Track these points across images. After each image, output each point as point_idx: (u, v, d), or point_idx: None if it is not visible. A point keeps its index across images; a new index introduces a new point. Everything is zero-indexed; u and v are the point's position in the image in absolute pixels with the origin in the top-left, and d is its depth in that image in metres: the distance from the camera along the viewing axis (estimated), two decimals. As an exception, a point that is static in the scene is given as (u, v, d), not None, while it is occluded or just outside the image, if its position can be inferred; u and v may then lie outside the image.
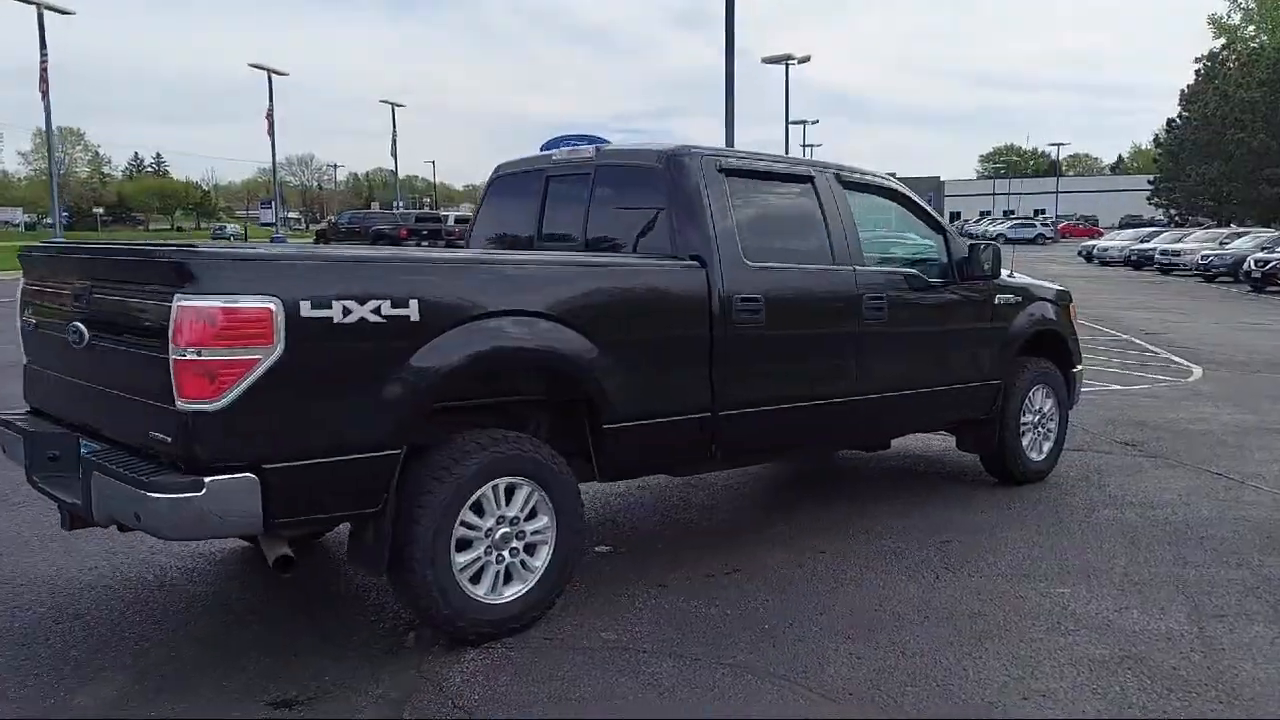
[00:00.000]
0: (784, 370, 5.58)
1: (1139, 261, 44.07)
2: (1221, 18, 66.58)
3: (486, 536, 4.39)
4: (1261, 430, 9.64)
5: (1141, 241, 46.67)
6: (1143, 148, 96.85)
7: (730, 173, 5.51)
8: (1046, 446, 7.58)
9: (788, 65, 42.56)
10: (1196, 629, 4.72)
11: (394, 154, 64.40)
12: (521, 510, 4.50)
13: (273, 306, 3.72)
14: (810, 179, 5.97)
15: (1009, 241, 75.22)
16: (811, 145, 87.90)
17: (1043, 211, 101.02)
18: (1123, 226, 65.79)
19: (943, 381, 6.58)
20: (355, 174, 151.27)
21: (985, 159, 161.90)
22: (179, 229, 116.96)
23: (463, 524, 4.30)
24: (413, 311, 4.07)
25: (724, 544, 5.97)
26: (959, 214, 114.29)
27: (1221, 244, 38.72)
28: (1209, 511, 6.75)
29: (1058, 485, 7.44)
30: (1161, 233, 49.04)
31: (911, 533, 6.20)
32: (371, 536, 4.19)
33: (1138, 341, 17.52)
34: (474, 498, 4.31)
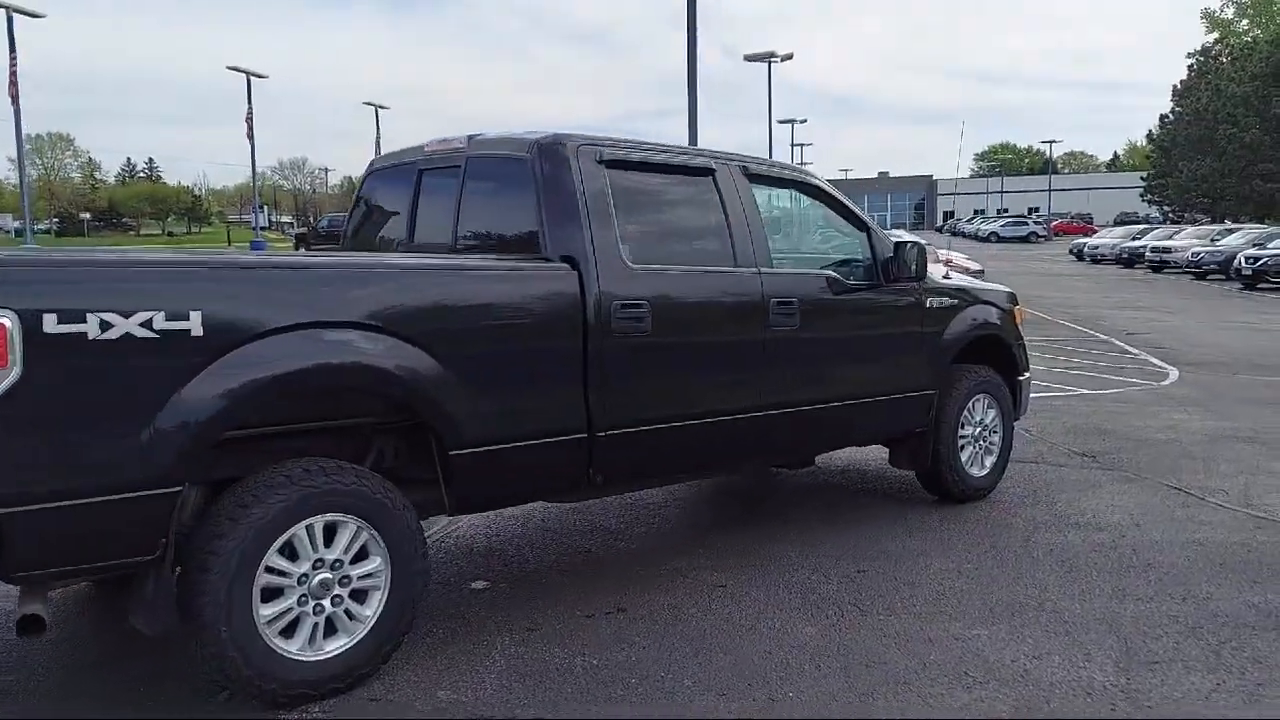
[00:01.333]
0: (675, 385, 5.00)
1: (1130, 259, 43.52)
2: (1215, 12, 66.24)
3: (301, 584, 3.81)
4: (1231, 438, 9.06)
5: (1133, 239, 46.11)
6: (1139, 145, 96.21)
7: (613, 164, 4.94)
8: (989, 461, 7.01)
9: (770, 63, 41.97)
10: (1123, 680, 4.14)
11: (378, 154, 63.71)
12: (346, 552, 3.91)
13: (6, 322, 3.14)
14: (710, 172, 5.39)
15: (1001, 240, 75.29)
16: (802, 144, 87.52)
17: (1037, 209, 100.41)
18: (1118, 224, 65.19)
19: (866, 393, 6.01)
20: (349, 177, 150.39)
21: (980, 157, 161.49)
22: (170, 234, 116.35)
23: (269, 570, 3.72)
24: (194, 325, 3.49)
25: (618, 577, 5.40)
26: (952, 212, 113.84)
27: (1213, 241, 38.16)
28: (1160, 534, 6.17)
29: (1000, 503, 6.86)
30: (1153, 230, 48.47)
31: (827, 562, 5.62)
32: (150, 589, 3.60)
33: (1117, 342, 16.96)
34: (283, 539, 3.73)
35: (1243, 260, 30.94)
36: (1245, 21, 66.24)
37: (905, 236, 31.84)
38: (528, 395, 4.44)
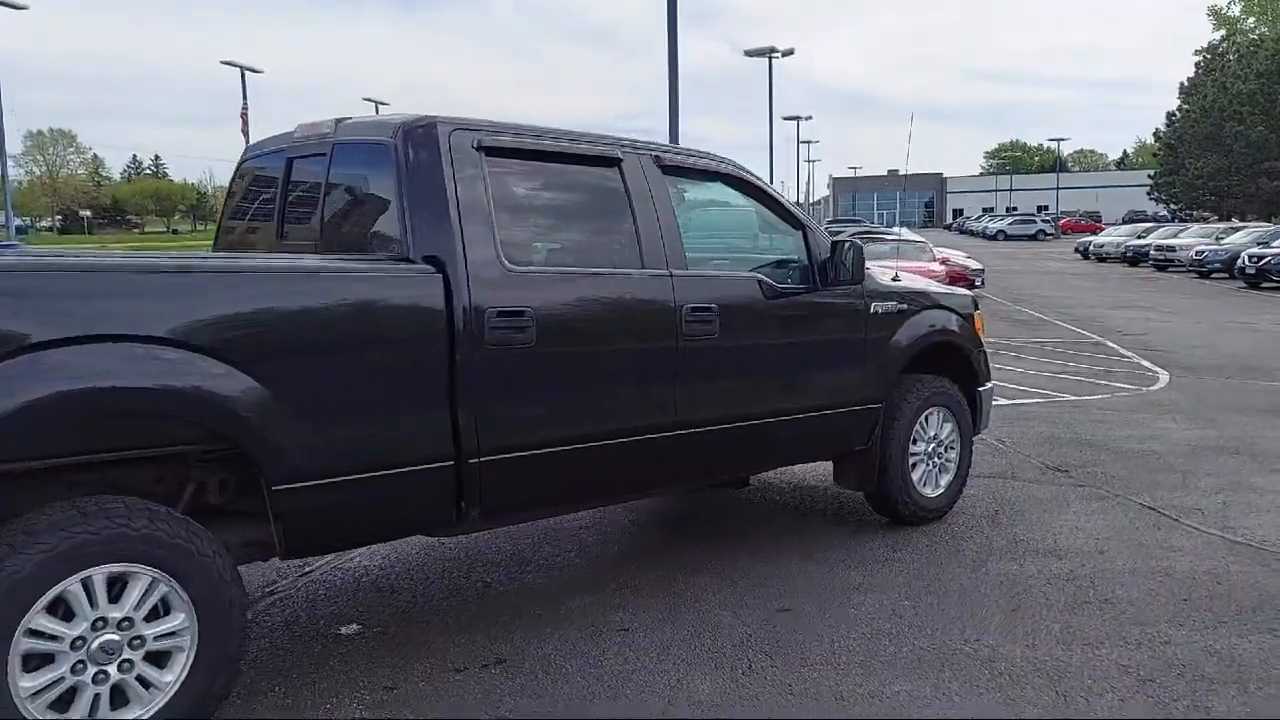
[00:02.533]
0: (565, 403, 4.43)
1: (1135, 258, 42.81)
2: (1222, 9, 65.38)
3: (76, 648, 3.23)
4: (1216, 450, 8.45)
5: (1137, 237, 45.39)
6: (1148, 143, 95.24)
7: (494, 152, 4.37)
8: (945, 480, 6.42)
9: (770, 58, 41.32)
10: (1054, 750, 3.54)
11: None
12: (138, 609, 3.33)
13: None
14: (615, 162, 4.82)
15: (1009, 238, 74.54)
16: (808, 141, 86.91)
17: (1046, 208, 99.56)
18: (1127, 222, 64.34)
19: (800, 408, 5.44)
20: None
21: (990, 155, 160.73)
22: (174, 231, 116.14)
23: (31, 633, 3.14)
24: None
25: (510, 617, 4.83)
26: (961, 210, 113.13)
27: (1217, 239, 37.43)
28: (1125, 561, 5.58)
29: (955, 526, 6.28)
30: (1158, 228, 47.72)
31: (749, 598, 5.05)
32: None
33: (1110, 344, 16.32)
34: (50, 596, 3.15)
35: (1246, 259, 30.23)
36: (1252, 19, 65.37)
37: (908, 235, 31.23)
38: (377, 419, 3.88)
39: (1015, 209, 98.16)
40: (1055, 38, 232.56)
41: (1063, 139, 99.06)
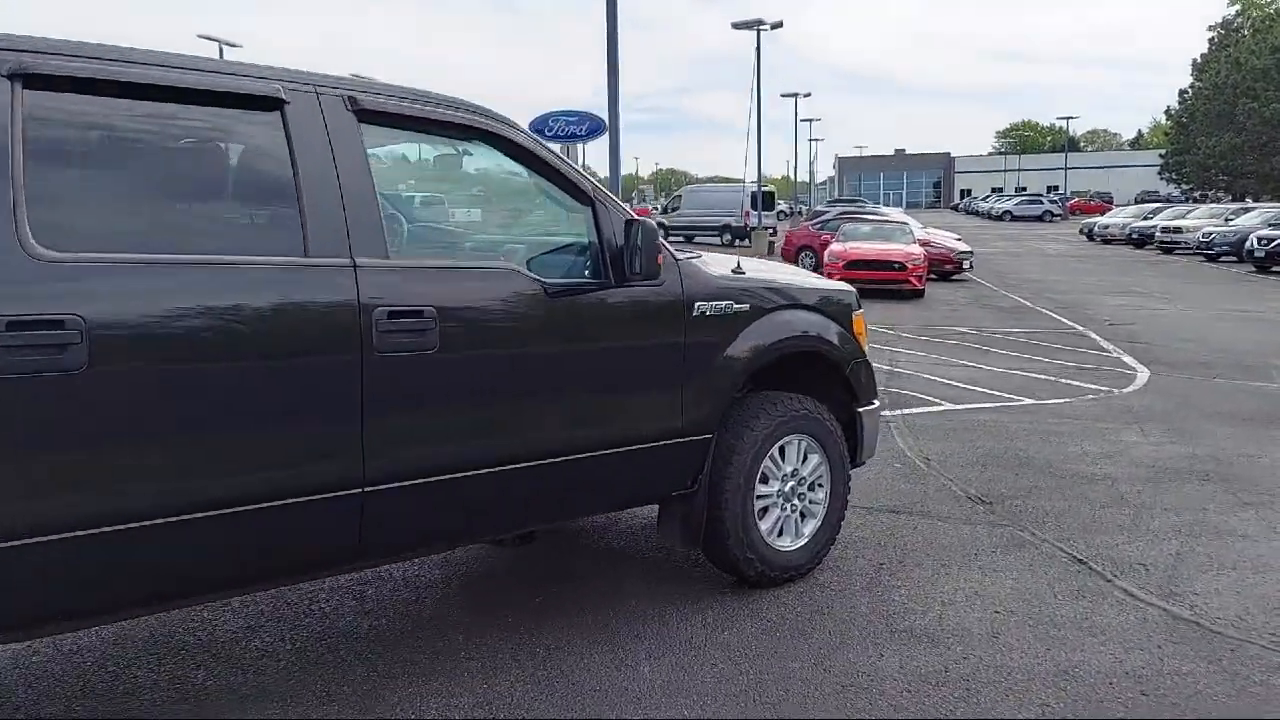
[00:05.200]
0: (126, 459, 2.95)
1: (1140, 240, 41.14)
2: (1236, -18, 63.34)
3: None
4: (1184, 474, 6.97)
5: (1143, 218, 43.65)
6: (1162, 122, 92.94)
7: (40, 83, 2.89)
8: (809, 527, 4.96)
9: (759, 30, 39.61)
10: None
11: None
12: None
13: None
14: (277, 105, 3.33)
15: (1015, 219, 72.57)
16: (810, 120, 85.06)
17: (1056, 188, 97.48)
18: (1139, 202, 62.37)
19: (573, 445, 4.01)
20: None
21: (1001, 135, 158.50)
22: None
23: None
24: None
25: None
26: (969, 190, 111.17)
27: (1226, 220, 35.74)
28: (1022, 655, 4.13)
29: (817, 589, 4.84)
30: (1166, 209, 45.93)
31: (500, 706, 3.57)
32: None
33: (1092, 335, 14.80)
34: None
35: (1255, 241, 28.59)
36: (1268, -8, 63.31)
37: (893, 215, 29.74)
38: None
39: (1025, 189, 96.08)
40: (1075, 15, 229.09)
41: (1072, 117, 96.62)
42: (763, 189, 41.38)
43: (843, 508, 5.12)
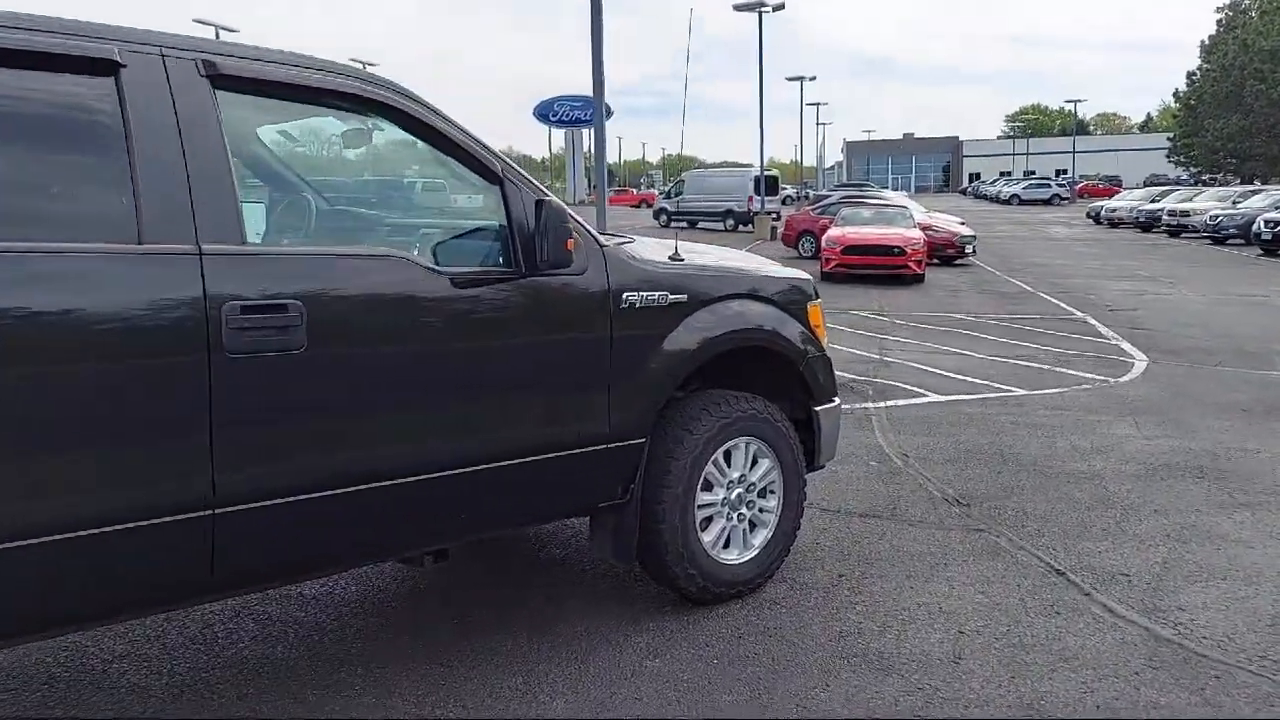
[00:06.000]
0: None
1: (1147, 223, 40.56)
2: (1244, -39, 62.51)
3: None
4: (1178, 470, 6.53)
5: (1151, 201, 43.04)
6: (1171, 105, 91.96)
7: None
8: (759, 538, 4.54)
9: (760, 12, 39.01)
10: None
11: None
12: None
13: None
14: (111, 69, 2.89)
15: (1023, 202, 71.91)
16: (818, 104, 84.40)
17: (1064, 172, 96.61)
18: (1147, 186, 61.59)
19: (478, 453, 3.58)
20: None
21: (1011, 119, 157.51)
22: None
23: None
24: None
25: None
26: (978, 174, 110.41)
27: (1234, 203, 35.13)
28: (983, 682, 3.72)
29: (767, 606, 4.46)
30: (1174, 191, 45.27)
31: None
32: None
33: (1091, 321, 14.33)
34: None
35: (1262, 224, 28.02)
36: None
37: (894, 199, 29.25)
38: None
39: (1033, 173, 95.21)
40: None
41: (1080, 100, 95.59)
42: (766, 173, 40.85)
43: (798, 515, 4.70)
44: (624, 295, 3.94)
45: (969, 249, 25.33)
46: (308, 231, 3.83)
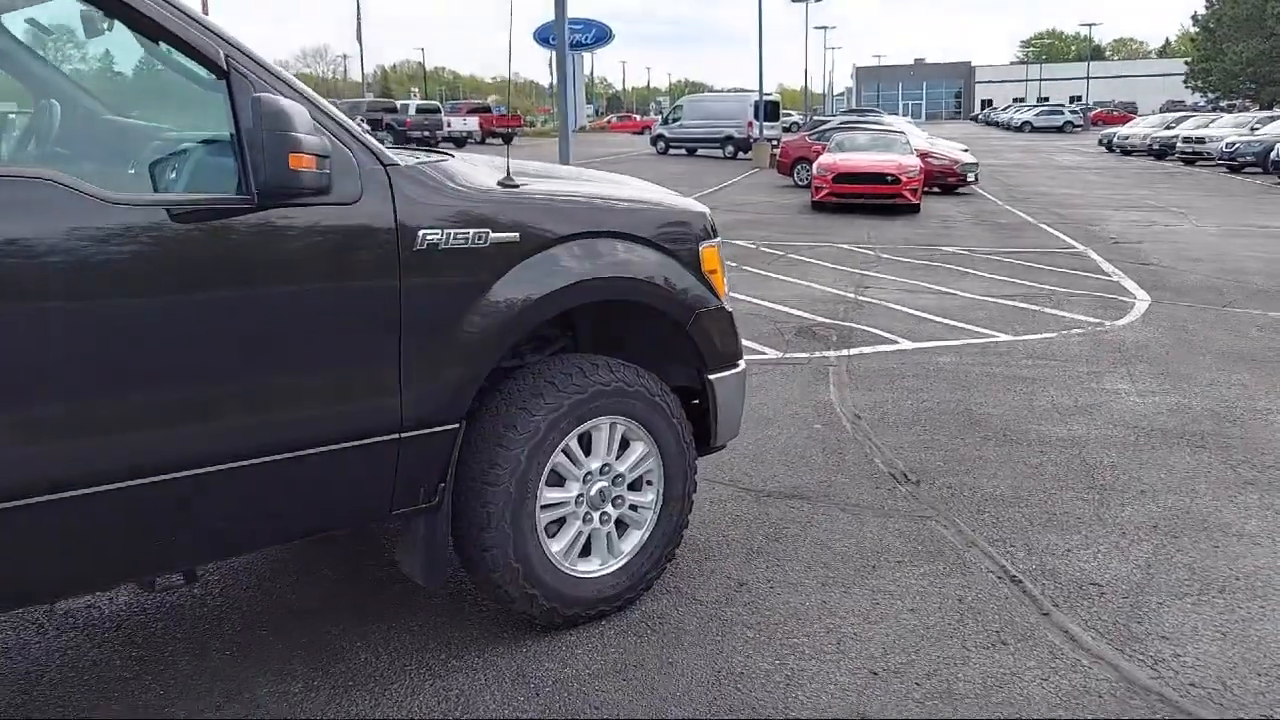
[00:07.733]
0: None
1: (1161, 150, 39.11)
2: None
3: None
4: (1174, 436, 5.53)
5: (1165, 128, 41.47)
6: (1189, 29, 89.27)
7: None
8: (629, 542, 3.57)
9: (758, -71, 37.25)
10: None
11: (359, 37, 59.86)
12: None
13: None
14: None
15: (1035, 130, 70.08)
16: (826, 27, 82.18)
17: (1079, 98, 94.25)
18: (1163, 112, 59.66)
19: (196, 452, 2.60)
20: (382, 66, 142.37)
21: (1025, 44, 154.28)
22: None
23: None
24: None
25: None
26: (990, 101, 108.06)
27: (1251, 129, 33.65)
28: (891, 755, 2.70)
29: (631, 631, 3.50)
30: (1189, 118, 43.64)
31: None
32: None
33: (1093, 255, 13.23)
34: None
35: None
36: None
37: (893, 124, 27.90)
38: None
39: (1047, 99, 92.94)
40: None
41: (1096, 24, 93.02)
42: (767, 98, 39.35)
43: (684, 510, 3.71)
44: (421, 233, 2.91)
45: (971, 177, 24.11)
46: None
